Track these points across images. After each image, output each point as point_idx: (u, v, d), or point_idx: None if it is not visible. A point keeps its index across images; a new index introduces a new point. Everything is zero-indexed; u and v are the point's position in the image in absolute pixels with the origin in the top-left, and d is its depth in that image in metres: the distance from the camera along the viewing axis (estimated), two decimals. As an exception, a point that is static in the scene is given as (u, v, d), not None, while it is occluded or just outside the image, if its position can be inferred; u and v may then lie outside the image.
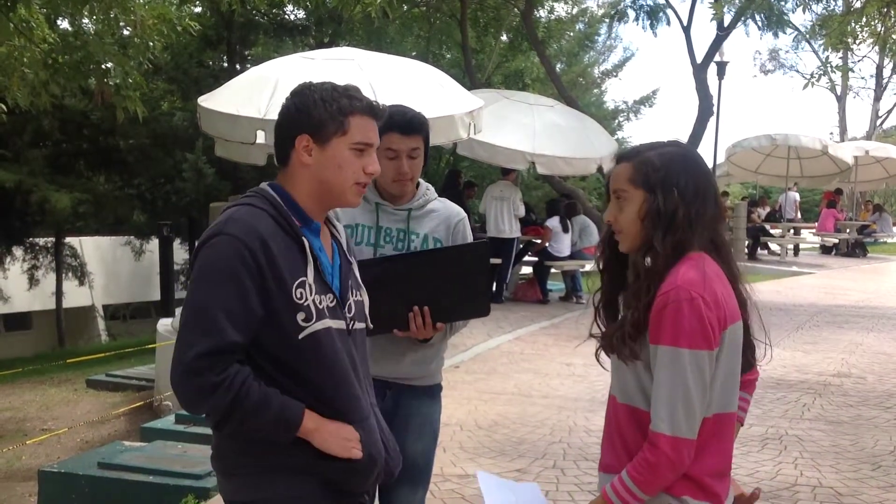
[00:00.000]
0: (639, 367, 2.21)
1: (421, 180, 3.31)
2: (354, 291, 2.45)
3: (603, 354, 2.36)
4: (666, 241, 2.19)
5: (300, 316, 2.22)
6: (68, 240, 21.66)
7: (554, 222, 13.58)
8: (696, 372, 2.10)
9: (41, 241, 21.08)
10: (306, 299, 2.24)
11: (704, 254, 2.22)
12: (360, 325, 2.45)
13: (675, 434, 2.09)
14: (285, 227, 2.27)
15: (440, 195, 3.38)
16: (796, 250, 22.73)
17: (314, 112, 2.29)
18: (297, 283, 2.23)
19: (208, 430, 2.44)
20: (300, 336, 2.22)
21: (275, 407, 2.19)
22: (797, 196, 24.01)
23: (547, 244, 13.59)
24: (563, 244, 13.55)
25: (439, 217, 3.25)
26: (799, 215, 22.75)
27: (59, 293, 21.16)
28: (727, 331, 2.16)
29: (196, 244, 2.30)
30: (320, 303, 2.28)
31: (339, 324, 2.33)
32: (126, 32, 10.63)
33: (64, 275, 21.27)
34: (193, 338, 2.15)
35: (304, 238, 2.29)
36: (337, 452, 2.27)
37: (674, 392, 2.10)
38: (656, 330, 2.13)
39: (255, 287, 2.17)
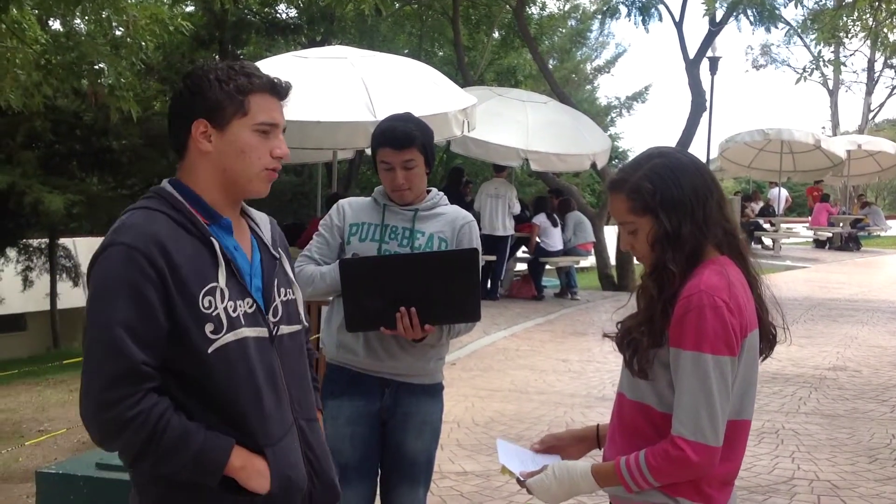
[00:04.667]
0: (655, 371, 2.18)
1: (433, 189, 3.37)
2: (283, 290, 2.20)
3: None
4: (678, 259, 2.16)
5: (209, 327, 1.98)
6: (62, 241, 21.52)
7: (541, 218, 13.63)
8: (720, 378, 2.07)
9: (35, 242, 20.95)
10: (216, 308, 2.00)
11: (726, 258, 2.20)
12: (287, 329, 2.19)
13: (698, 440, 2.06)
14: (189, 227, 2.04)
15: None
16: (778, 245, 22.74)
17: (209, 93, 2.07)
18: (205, 290, 1.99)
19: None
20: (209, 350, 1.98)
21: (195, 446, 1.95)
22: (786, 192, 24.01)
23: (538, 239, 13.62)
24: (553, 238, 13.60)
25: (446, 219, 3.30)
26: (780, 211, 22.72)
27: (53, 294, 21.06)
28: (747, 338, 2.14)
29: (90, 259, 2.03)
30: (234, 310, 2.03)
31: (258, 331, 2.08)
32: (118, 33, 10.58)
33: (58, 276, 21.16)
34: (98, 364, 1.91)
35: (212, 238, 2.05)
36: (258, 490, 2.03)
37: (696, 397, 2.07)
38: (678, 335, 2.10)
39: (158, 298, 1.94)
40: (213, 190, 2.11)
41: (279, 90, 2.15)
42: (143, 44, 10.35)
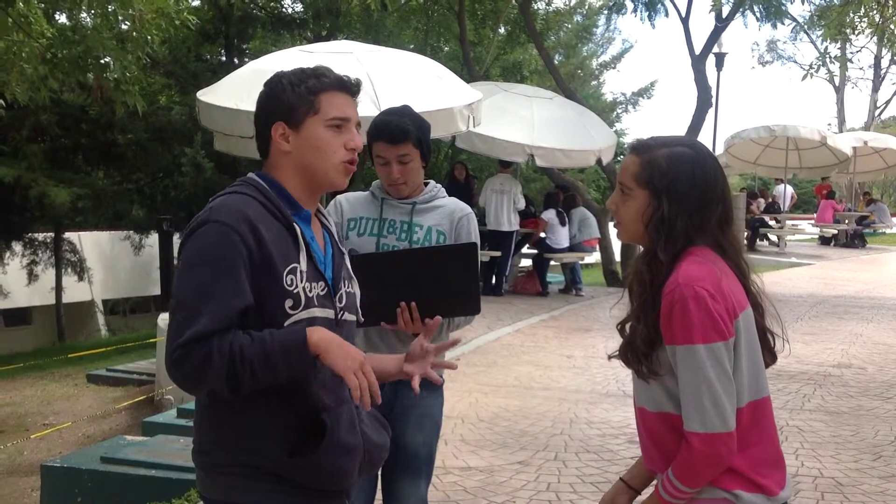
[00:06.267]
0: (663, 375, 2.19)
1: (431, 181, 3.37)
2: (346, 282, 2.39)
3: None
4: (668, 250, 2.17)
5: (288, 303, 2.16)
6: (67, 235, 21.60)
7: (550, 214, 13.60)
8: (716, 364, 2.09)
9: (40, 236, 21.01)
10: (296, 286, 2.17)
11: (706, 248, 2.20)
12: (349, 317, 2.38)
13: (708, 430, 2.08)
14: (275, 213, 2.21)
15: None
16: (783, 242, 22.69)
17: (283, 97, 2.25)
18: (288, 268, 2.17)
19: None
20: (285, 323, 2.15)
21: (274, 344, 2.08)
22: (791, 189, 23.96)
23: (543, 236, 13.61)
24: (560, 236, 13.59)
25: (444, 211, 3.30)
26: (785, 208, 22.65)
27: (58, 288, 21.12)
28: (739, 319, 2.15)
29: (183, 233, 2.22)
30: (310, 290, 2.21)
31: (326, 313, 2.26)
32: (124, 27, 10.58)
33: (63, 270, 21.22)
34: (178, 327, 2.07)
35: (295, 224, 2.23)
36: (340, 369, 2.10)
37: (697, 389, 2.09)
38: (668, 331, 2.12)
39: (245, 274, 2.10)
40: (296, 185, 2.29)
41: (348, 87, 2.31)
42: (149, 38, 10.35)
